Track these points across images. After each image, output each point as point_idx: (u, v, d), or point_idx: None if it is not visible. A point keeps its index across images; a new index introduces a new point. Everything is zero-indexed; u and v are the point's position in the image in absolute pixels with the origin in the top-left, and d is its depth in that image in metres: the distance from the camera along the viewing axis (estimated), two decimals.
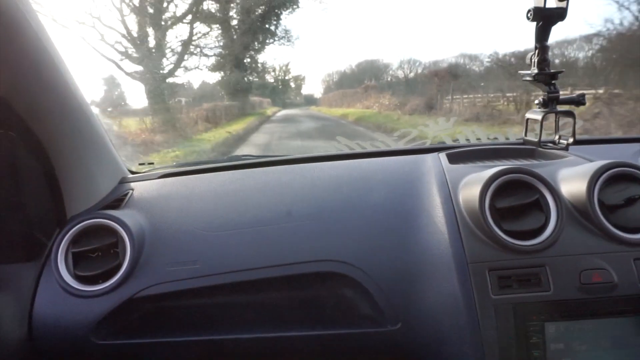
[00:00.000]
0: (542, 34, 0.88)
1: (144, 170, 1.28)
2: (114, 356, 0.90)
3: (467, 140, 1.49)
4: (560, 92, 0.89)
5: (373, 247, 0.88)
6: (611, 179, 0.83)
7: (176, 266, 0.89)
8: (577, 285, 0.77)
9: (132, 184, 1.13)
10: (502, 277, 0.78)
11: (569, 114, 0.88)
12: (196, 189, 1.09)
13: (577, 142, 1.02)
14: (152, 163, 1.36)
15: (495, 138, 1.47)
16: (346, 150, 1.47)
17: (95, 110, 1.07)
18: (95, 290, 0.87)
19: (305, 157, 1.24)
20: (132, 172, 1.25)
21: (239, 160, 1.30)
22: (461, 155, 1.13)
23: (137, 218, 0.97)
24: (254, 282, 0.88)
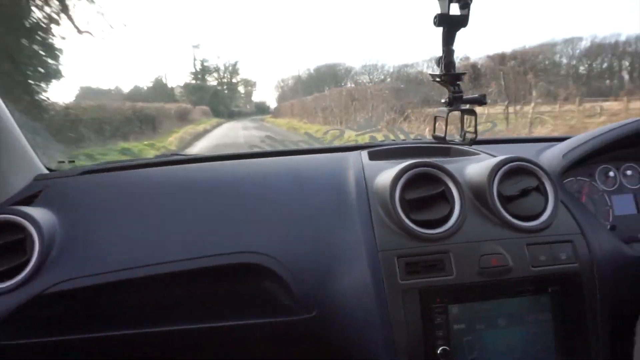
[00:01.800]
0: (447, 39, 0.96)
1: (63, 169, 1.23)
2: (24, 356, 0.87)
3: (393, 140, 1.56)
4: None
5: (287, 238, 0.91)
6: (509, 172, 0.90)
7: (88, 261, 0.87)
8: (477, 270, 0.83)
9: (49, 181, 1.08)
10: (409, 263, 0.83)
11: (471, 112, 0.95)
12: (115, 185, 1.07)
13: (489, 142, 1.09)
14: (73, 161, 1.31)
15: (419, 138, 1.55)
16: (274, 148, 1.49)
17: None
18: None
19: (232, 155, 1.24)
20: (51, 170, 1.20)
21: (165, 158, 1.29)
22: (381, 153, 1.18)
23: (48, 214, 0.93)
24: (169, 276, 0.87)
